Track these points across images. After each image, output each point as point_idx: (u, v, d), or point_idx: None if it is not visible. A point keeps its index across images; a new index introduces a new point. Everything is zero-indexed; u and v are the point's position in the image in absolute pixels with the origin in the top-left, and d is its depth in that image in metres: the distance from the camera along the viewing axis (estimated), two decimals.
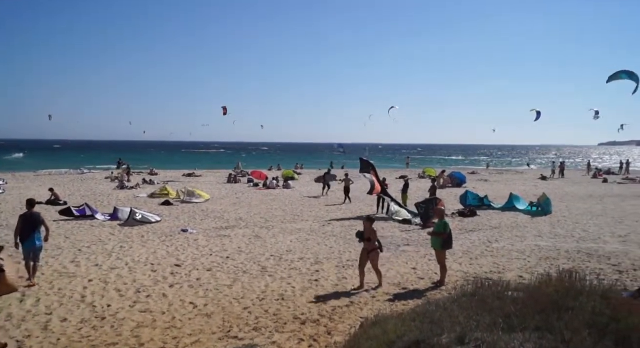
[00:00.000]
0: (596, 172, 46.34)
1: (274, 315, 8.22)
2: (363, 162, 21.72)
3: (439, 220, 10.23)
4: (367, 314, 7.92)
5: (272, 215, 19.63)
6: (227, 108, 41.60)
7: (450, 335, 4.53)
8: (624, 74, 19.82)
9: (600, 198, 26.32)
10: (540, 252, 13.08)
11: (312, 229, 16.46)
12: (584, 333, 4.95)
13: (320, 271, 11.02)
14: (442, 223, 10.11)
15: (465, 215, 19.33)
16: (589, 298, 5.99)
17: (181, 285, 9.90)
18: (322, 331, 7.50)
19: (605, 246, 13.75)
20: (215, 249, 13.19)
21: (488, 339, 4.41)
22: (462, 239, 14.74)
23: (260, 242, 14.19)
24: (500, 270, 11.24)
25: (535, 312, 5.53)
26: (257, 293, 9.38)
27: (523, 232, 15.96)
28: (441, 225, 10.06)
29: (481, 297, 6.24)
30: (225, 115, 41.54)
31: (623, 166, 52.05)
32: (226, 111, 41.42)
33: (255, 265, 11.52)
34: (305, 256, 12.51)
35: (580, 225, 17.39)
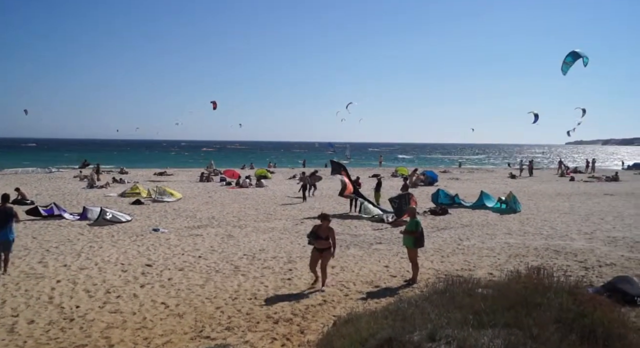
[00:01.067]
0: (564, 170, 47.46)
1: (247, 314, 8.18)
2: (334, 164, 21.85)
3: (411, 219, 10.34)
4: (340, 313, 7.94)
5: (245, 214, 19.52)
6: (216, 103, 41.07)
7: (422, 332, 4.58)
8: (569, 57, 19.95)
9: (567, 197, 26.98)
10: (510, 249, 13.33)
11: (286, 228, 16.43)
12: (551, 328, 5.07)
13: (293, 270, 11.01)
14: (414, 222, 10.23)
15: (437, 213, 19.57)
16: (556, 295, 6.12)
17: (152, 285, 9.76)
18: (295, 330, 7.50)
19: (572, 243, 14.09)
20: (188, 249, 13.05)
21: (458, 336, 4.48)
22: (434, 237, 14.92)
23: (233, 241, 14.09)
24: (471, 267, 11.41)
25: (505, 308, 5.63)
26: (230, 293, 9.32)
27: (493, 230, 16.24)
28: (413, 223, 10.18)
29: (452, 294, 6.33)
30: (215, 109, 41.07)
31: (589, 165, 53.50)
32: (216, 106, 40.93)
33: (228, 265, 11.44)
34: (278, 255, 12.48)
35: (549, 222, 17.79)
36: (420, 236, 10.15)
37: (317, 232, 9.66)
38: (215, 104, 40.93)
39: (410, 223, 10.25)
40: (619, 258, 12.17)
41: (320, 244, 9.59)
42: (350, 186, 20.49)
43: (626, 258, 12.24)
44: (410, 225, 10.17)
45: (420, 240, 10.19)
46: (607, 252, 12.95)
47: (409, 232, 10.10)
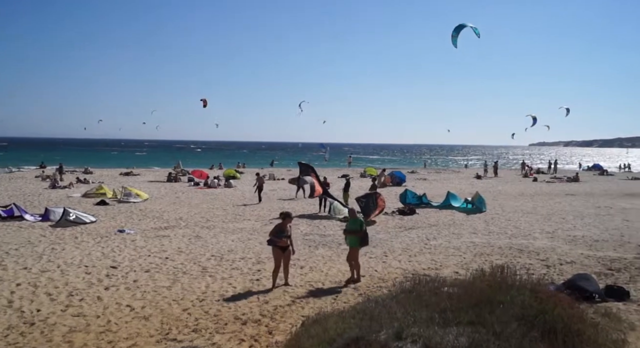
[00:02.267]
0: (527, 171, 48.65)
1: (214, 316, 8.11)
2: (302, 165, 21.84)
3: (353, 219, 10.40)
4: (309, 313, 7.96)
5: (213, 215, 19.35)
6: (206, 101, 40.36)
7: (389, 331, 4.64)
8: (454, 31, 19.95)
9: (530, 197, 27.67)
10: (476, 248, 13.60)
11: (254, 229, 16.35)
12: (514, 325, 5.21)
13: (262, 271, 10.97)
14: (358, 221, 10.34)
15: (405, 213, 19.80)
16: (519, 292, 6.28)
17: (117, 287, 9.58)
18: (263, 331, 7.48)
19: (535, 242, 14.47)
20: (154, 250, 12.85)
21: (424, 334, 4.55)
22: (401, 237, 15.09)
23: (201, 242, 13.95)
24: (437, 266, 11.59)
25: (470, 306, 5.75)
26: (198, 295, 9.22)
27: (459, 230, 16.53)
28: (358, 223, 10.26)
29: (419, 293, 6.42)
30: (205, 107, 40.38)
31: (551, 166, 55.01)
32: (206, 103, 40.25)
33: (196, 266, 11.32)
34: (247, 256, 12.41)
35: (513, 222, 18.21)
36: (364, 235, 10.25)
37: (281, 229, 9.79)
38: (205, 102, 40.23)
39: (354, 222, 10.29)
40: (578, 257, 12.56)
41: (283, 243, 9.72)
42: (319, 188, 20.52)
43: (585, 256, 12.64)
44: (355, 225, 10.22)
45: (364, 239, 10.28)
46: (568, 250, 13.35)
47: (353, 232, 10.14)
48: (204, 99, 40.17)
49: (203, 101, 40.07)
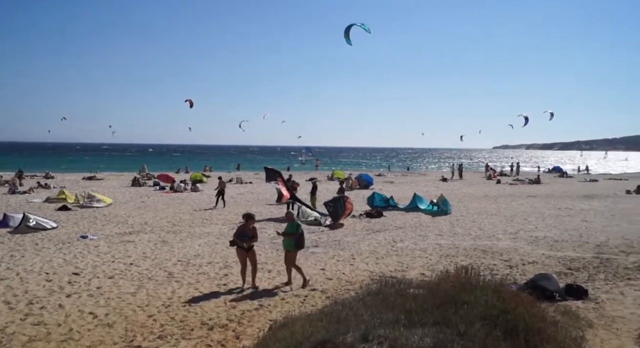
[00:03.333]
0: (491, 173, 49.73)
1: (180, 321, 8.01)
2: (268, 171, 21.79)
3: (291, 222, 10.44)
4: (277, 317, 7.95)
5: (179, 219, 19.09)
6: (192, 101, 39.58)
7: (355, 333, 4.67)
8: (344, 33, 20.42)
9: (494, 199, 28.28)
10: (441, 250, 13.82)
11: (222, 233, 16.21)
12: (477, 325, 5.31)
13: (229, 275, 10.89)
14: (294, 224, 10.41)
15: (373, 216, 19.96)
16: (482, 293, 6.42)
17: (80, 294, 9.34)
18: (230, 336, 7.43)
19: (498, 243, 14.80)
20: (118, 256, 12.59)
21: (390, 336, 4.60)
22: (369, 240, 15.21)
23: (167, 247, 13.74)
24: (404, 268, 11.73)
25: (435, 307, 5.84)
26: (163, 300, 9.08)
27: (426, 232, 16.77)
28: (294, 226, 10.34)
29: (385, 295, 6.48)
30: (192, 107, 39.59)
31: (514, 168, 56.39)
32: (192, 104, 39.46)
33: (162, 271, 11.15)
34: (214, 260, 12.30)
35: (477, 224, 18.58)
36: (300, 238, 10.32)
37: (243, 231, 9.93)
38: (191, 102, 39.46)
39: (290, 226, 10.36)
40: (540, 257, 12.91)
41: (247, 243, 9.89)
42: (287, 193, 20.48)
43: (547, 256, 13.00)
44: (291, 228, 10.29)
45: (300, 242, 10.36)
46: (530, 250, 13.71)
47: (289, 235, 10.20)
48: (190, 100, 39.52)
49: (189, 101, 39.38)
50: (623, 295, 9.31)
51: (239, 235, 9.94)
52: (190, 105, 39.61)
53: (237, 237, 9.93)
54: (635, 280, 10.45)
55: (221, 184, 23.93)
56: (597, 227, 17.67)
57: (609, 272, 11.19)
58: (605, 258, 12.67)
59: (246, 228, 9.98)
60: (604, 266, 11.81)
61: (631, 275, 10.93)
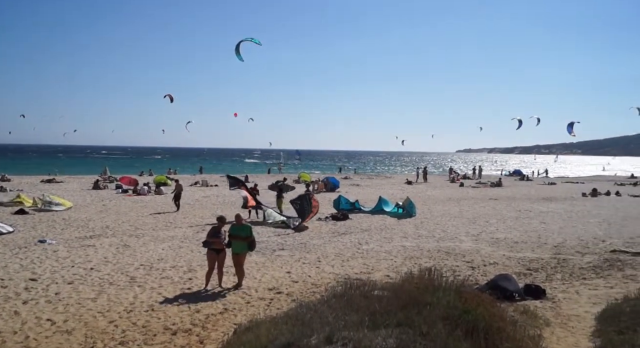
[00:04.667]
0: (454, 177, 50.67)
1: (143, 327, 7.86)
2: (231, 178, 21.74)
3: (241, 226, 10.37)
4: (242, 320, 7.90)
5: (142, 223, 18.73)
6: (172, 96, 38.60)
7: (320, 335, 4.70)
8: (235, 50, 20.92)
9: (457, 201, 28.83)
10: (406, 252, 14.00)
11: (186, 236, 16.00)
12: (439, 325, 5.43)
13: (193, 279, 10.75)
14: (247, 227, 10.46)
15: (338, 219, 20.05)
16: (445, 294, 6.56)
17: (37, 301, 9.06)
18: (194, 341, 7.34)
19: (461, 245, 15.10)
20: (78, 261, 12.27)
21: (354, 337, 4.65)
22: (335, 242, 15.28)
23: (129, 252, 13.47)
24: (369, 270, 11.83)
25: (398, 308, 5.94)
26: (125, 306, 8.90)
27: (391, 234, 16.96)
28: (247, 229, 10.37)
29: (350, 297, 6.54)
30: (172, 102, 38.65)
31: (476, 171, 57.62)
32: (172, 99, 38.46)
33: (123, 276, 10.92)
34: (178, 264, 12.12)
35: (440, 226, 18.91)
36: (253, 240, 10.40)
37: (217, 231, 10.08)
38: (171, 97, 38.50)
39: (243, 229, 10.32)
40: (500, 258, 13.24)
41: (217, 244, 9.96)
42: (252, 199, 20.38)
43: (507, 257, 13.34)
44: (245, 231, 10.27)
45: (253, 244, 10.44)
46: (491, 252, 14.04)
47: (243, 238, 10.18)
48: (169, 95, 38.66)
49: (169, 96, 38.52)
50: (578, 294, 9.65)
51: (211, 236, 10.06)
52: (171, 100, 38.82)
53: (209, 238, 10.06)
54: (590, 280, 10.85)
55: (177, 187, 23.56)
56: (554, 229, 18.24)
57: (565, 272, 11.58)
58: (562, 258, 13.10)
59: (218, 229, 10.15)
60: (561, 266, 12.21)
61: (586, 274, 11.34)
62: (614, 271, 11.66)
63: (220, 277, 10.17)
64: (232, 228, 10.33)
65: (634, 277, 11.03)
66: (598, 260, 12.89)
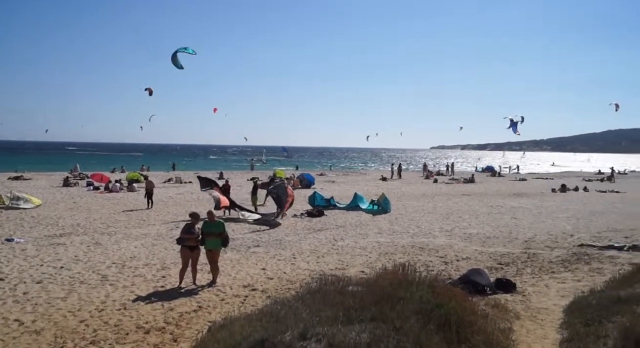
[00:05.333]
0: (428, 173, 51.23)
1: (115, 326, 7.74)
2: (202, 179, 21.66)
3: (214, 222, 10.35)
4: (216, 318, 7.85)
5: (114, 221, 18.43)
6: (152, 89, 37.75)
7: (294, 332, 4.70)
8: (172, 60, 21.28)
9: (431, 197, 29.16)
10: (381, 247, 14.11)
11: (160, 234, 15.80)
12: (412, 320, 5.49)
13: (167, 277, 10.63)
14: (221, 223, 10.44)
15: (314, 215, 20.07)
16: (418, 288, 6.64)
17: (4, 301, 8.84)
18: (167, 339, 7.26)
19: (434, 240, 15.29)
20: (48, 259, 12.01)
21: (328, 333, 4.68)
22: (310, 239, 15.30)
23: (101, 250, 13.24)
24: (344, 266, 11.89)
25: (372, 303, 5.98)
26: (96, 305, 8.75)
27: (366, 230, 17.06)
28: (221, 225, 10.35)
29: (324, 293, 6.57)
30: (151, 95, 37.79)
31: (449, 168, 58.35)
32: (152, 92, 37.62)
33: (95, 275, 10.73)
34: (151, 262, 11.97)
35: (415, 222, 19.10)
36: (226, 237, 10.37)
37: (191, 228, 10.02)
38: (150, 91, 37.69)
39: (216, 225, 10.29)
40: (473, 253, 13.46)
41: (191, 242, 9.91)
42: (225, 199, 20.26)
43: (479, 252, 13.57)
44: (218, 227, 10.24)
45: (227, 240, 10.41)
46: (464, 247, 14.26)
47: (216, 235, 10.13)
48: (149, 88, 37.92)
49: (148, 90, 37.77)
50: (547, 288, 9.88)
51: (186, 233, 9.99)
52: (150, 93, 38.13)
53: (184, 235, 9.99)
54: (558, 274, 11.11)
55: (148, 184, 23.25)
56: (525, 224, 18.61)
57: (535, 266, 11.84)
58: (532, 253, 13.39)
59: (192, 226, 10.08)
60: (531, 261, 12.47)
61: (555, 268, 11.61)
62: (582, 265, 11.96)
63: (194, 274, 10.09)
64: (204, 225, 10.27)
65: (600, 270, 11.34)
66: (566, 254, 13.21)
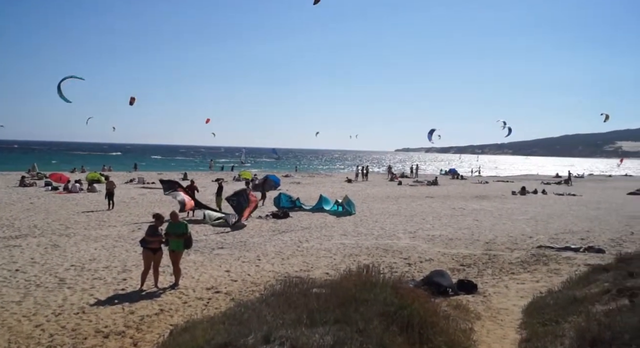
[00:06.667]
0: (393, 175, 51.80)
1: (72, 330, 7.52)
2: (164, 182, 21.32)
3: (177, 223, 10.25)
4: (178, 321, 7.73)
5: (73, 222, 17.92)
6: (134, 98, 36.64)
7: (257, 335, 4.67)
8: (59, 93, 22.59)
9: (395, 199, 29.48)
10: (345, 249, 14.17)
11: (121, 235, 15.45)
12: (376, 322, 5.53)
13: (128, 280, 10.40)
14: (183, 224, 10.33)
15: (279, 217, 20.01)
16: (381, 290, 6.70)
17: None
18: (127, 343, 7.10)
19: (398, 242, 15.45)
20: (2, 262, 11.57)
21: (292, 336, 4.66)
22: (275, 240, 15.24)
23: (59, 252, 12.85)
24: (309, 268, 11.89)
25: (336, 306, 6.00)
26: (54, 309, 8.48)
27: (331, 232, 17.11)
28: (183, 226, 10.24)
29: (289, 295, 6.55)
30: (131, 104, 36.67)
31: (413, 170, 59.16)
32: (133, 101, 36.49)
33: (52, 278, 10.40)
34: (111, 264, 11.69)
35: (379, 223, 19.27)
36: (190, 237, 10.30)
37: (155, 230, 9.89)
38: (132, 99, 36.65)
39: (179, 226, 10.19)
40: (436, 254, 13.67)
41: (154, 244, 9.78)
42: (190, 202, 19.97)
43: (442, 253, 13.79)
44: (181, 228, 10.14)
45: (190, 241, 10.33)
46: (427, 248, 14.46)
47: (179, 236, 10.04)
48: (133, 97, 36.96)
49: (130, 99, 36.81)
50: (507, 289, 10.12)
51: (152, 235, 9.83)
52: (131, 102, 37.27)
53: (150, 237, 9.81)
54: (518, 275, 11.40)
55: (109, 184, 22.72)
56: (486, 226, 19.03)
57: (495, 267, 12.11)
58: (493, 254, 13.70)
59: (155, 228, 9.93)
60: (491, 262, 12.76)
61: (514, 269, 11.91)
62: (540, 266, 12.31)
63: (156, 276, 9.91)
64: (168, 225, 10.12)
65: (558, 271, 11.69)
66: (526, 255, 13.57)
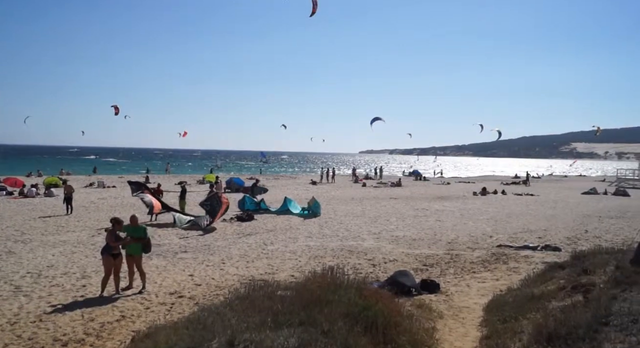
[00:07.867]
0: (357, 177, 52.16)
1: (29, 339, 7.29)
2: (132, 184, 21.03)
3: (135, 226, 10.13)
4: (140, 327, 7.59)
5: (30, 227, 17.34)
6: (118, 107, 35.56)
7: (221, 339, 4.64)
8: None
9: (360, 201, 29.70)
10: (310, 251, 14.19)
11: (80, 241, 15.04)
12: (340, 323, 5.57)
13: (88, 286, 10.14)
14: (142, 228, 10.25)
15: (243, 219, 19.89)
16: (346, 291, 6.75)
17: None
18: None
19: (363, 243, 15.58)
20: None
21: (256, 339, 4.65)
22: (240, 243, 15.13)
23: (14, 259, 12.42)
24: (274, 271, 11.85)
25: (301, 307, 6.01)
26: (8, 317, 8.19)
27: (296, 234, 17.10)
28: (142, 230, 10.15)
29: (253, 298, 6.52)
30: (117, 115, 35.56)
31: (377, 172, 59.74)
32: (118, 111, 35.36)
33: (7, 285, 10.05)
34: (70, 271, 11.37)
35: (344, 225, 19.37)
36: (149, 241, 10.23)
37: (115, 234, 9.73)
38: (117, 109, 35.60)
39: (137, 230, 10.08)
40: (400, 255, 13.84)
41: (116, 249, 9.68)
42: (158, 202, 19.68)
43: (405, 254, 13.98)
44: (139, 232, 10.04)
45: (148, 246, 10.25)
46: (391, 249, 14.64)
47: (137, 239, 9.93)
48: (115, 106, 36.00)
49: (114, 108, 35.82)
50: (469, 287, 10.35)
51: (115, 241, 9.68)
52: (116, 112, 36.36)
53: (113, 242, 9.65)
54: (479, 273, 11.67)
55: (67, 188, 22.11)
56: (448, 226, 19.40)
57: (457, 267, 12.36)
58: (455, 254, 13.97)
59: (114, 232, 9.77)
60: (453, 261, 13.01)
61: (476, 268, 12.19)
62: (500, 264, 12.63)
63: (117, 282, 9.70)
64: (126, 229, 9.94)
65: (517, 269, 12.03)
66: (486, 254, 13.90)
